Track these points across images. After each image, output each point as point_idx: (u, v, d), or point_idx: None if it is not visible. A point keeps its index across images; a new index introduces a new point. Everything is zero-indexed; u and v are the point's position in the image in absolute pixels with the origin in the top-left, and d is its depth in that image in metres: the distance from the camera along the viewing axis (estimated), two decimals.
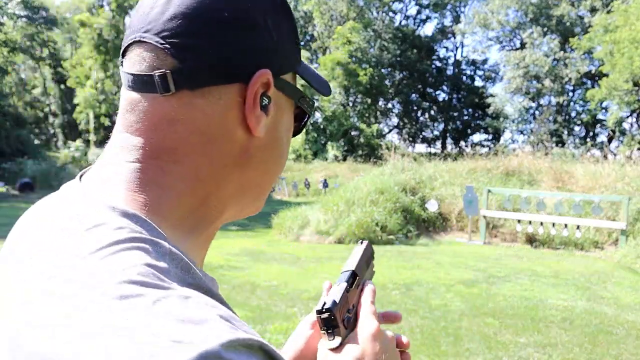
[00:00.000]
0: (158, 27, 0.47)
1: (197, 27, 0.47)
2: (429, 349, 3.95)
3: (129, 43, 0.49)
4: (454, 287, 6.00)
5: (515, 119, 32.49)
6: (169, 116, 0.47)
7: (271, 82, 0.50)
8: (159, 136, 0.48)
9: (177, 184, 0.48)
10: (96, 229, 0.42)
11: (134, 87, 0.49)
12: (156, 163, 0.47)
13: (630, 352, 4.01)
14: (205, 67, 0.47)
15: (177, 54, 0.46)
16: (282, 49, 0.52)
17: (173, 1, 0.47)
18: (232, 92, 0.49)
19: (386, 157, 14.61)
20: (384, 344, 0.57)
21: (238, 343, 0.34)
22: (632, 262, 7.85)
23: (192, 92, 0.47)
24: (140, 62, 0.48)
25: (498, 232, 10.47)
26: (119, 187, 0.47)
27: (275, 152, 0.55)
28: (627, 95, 22.14)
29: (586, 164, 12.68)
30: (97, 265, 0.39)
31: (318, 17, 37.53)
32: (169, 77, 0.46)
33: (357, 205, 10.07)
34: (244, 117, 0.50)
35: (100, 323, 0.35)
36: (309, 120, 0.61)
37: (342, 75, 31.50)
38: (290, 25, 0.53)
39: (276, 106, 0.53)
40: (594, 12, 28.48)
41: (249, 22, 0.49)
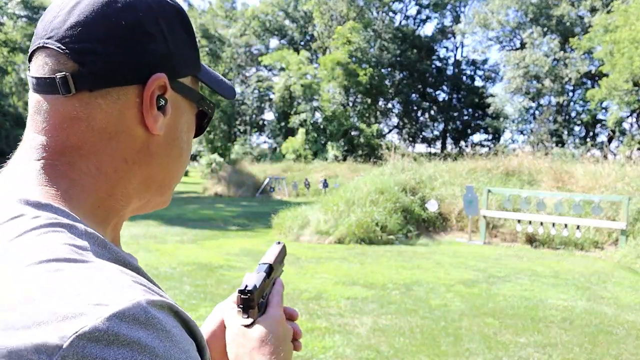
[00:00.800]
0: (60, 34, 0.51)
1: (96, 34, 0.51)
2: (429, 349, 3.95)
3: (34, 49, 0.54)
4: (454, 287, 6.00)
5: (515, 119, 32.50)
6: (71, 115, 0.52)
7: (167, 85, 0.55)
8: (64, 134, 0.52)
9: (84, 178, 0.52)
10: (13, 221, 0.45)
11: (39, 90, 0.53)
12: (64, 159, 0.52)
13: (630, 352, 4.01)
14: (103, 70, 0.51)
15: (77, 58, 0.51)
16: (178, 55, 0.57)
17: (74, 11, 0.52)
18: (130, 93, 0.53)
19: (386, 157, 14.60)
20: (285, 331, 0.68)
21: (151, 303, 0.39)
22: (632, 262, 7.85)
23: (92, 92, 0.52)
24: (44, 66, 0.52)
25: (498, 232, 10.47)
26: (30, 182, 0.50)
27: (174, 150, 0.59)
28: (627, 95, 22.14)
29: (586, 164, 12.67)
30: (17, 250, 0.42)
31: (318, 17, 37.52)
32: (69, 79, 0.51)
33: (357, 205, 10.07)
34: (143, 116, 0.54)
35: (22, 296, 0.38)
36: (209, 121, 0.66)
37: (342, 75, 31.49)
38: (186, 33, 0.59)
39: (174, 107, 0.57)
40: (594, 12, 28.48)
41: (145, 30, 0.53)
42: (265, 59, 35.29)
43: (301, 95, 31.83)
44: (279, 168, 24.51)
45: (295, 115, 31.88)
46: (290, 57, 32.83)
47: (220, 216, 13.40)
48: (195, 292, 5.44)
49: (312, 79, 32.11)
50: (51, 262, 0.41)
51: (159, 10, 0.55)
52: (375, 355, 3.78)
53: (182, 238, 9.27)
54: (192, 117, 0.62)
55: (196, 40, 0.61)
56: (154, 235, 9.42)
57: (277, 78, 36.04)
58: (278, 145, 35.14)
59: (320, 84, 31.85)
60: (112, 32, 0.52)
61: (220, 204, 17.25)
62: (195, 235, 9.67)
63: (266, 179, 22.07)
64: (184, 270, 6.51)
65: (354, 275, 6.34)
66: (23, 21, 28.83)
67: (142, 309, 0.38)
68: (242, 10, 43.26)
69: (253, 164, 26.96)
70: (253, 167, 25.22)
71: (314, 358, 3.70)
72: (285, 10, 42.15)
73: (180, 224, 11.26)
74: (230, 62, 39.69)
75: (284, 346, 0.67)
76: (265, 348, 0.64)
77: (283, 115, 34.49)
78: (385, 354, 3.82)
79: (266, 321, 0.66)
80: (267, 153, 34.22)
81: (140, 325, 0.38)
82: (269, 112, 41.92)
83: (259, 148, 38.24)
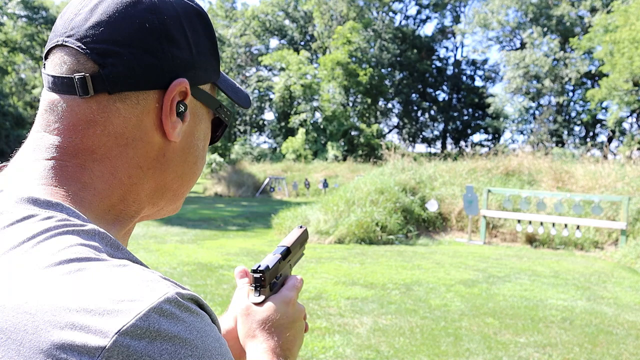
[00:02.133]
0: (81, 33, 0.50)
1: (119, 36, 0.50)
2: (429, 349, 3.96)
3: (52, 46, 0.52)
4: (454, 287, 6.00)
5: (515, 119, 32.51)
6: (87, 118, 0.50)
7: (188, 91, 0.53)
8: (78, 137, 0.50)
9: (97, 182, 0.50)
10: (24, 222, 0.44)
11: (55, 89, 0.51)
12: (75, 161, 0.50)
13: (630, 352, 4.01)
14: (124, 73, 0.50)
15: (97, 59, 0.49)
16: (200, 62, 0.55)
17: (97, 10, 0.50)
18: (150, 98, 0.51)
19: (386, 157, 14.60)
20: (295, 312, 0.69)
21: (181, 296, 0.40)
22: (632, 262, 7.85)
23: (111, 96, 0.50)
24: (62, 65, 0.50)
25: (498, 232, 10.47)
26: (39, 182, 0.48)
27: (190, 157, 0.58)
28: (627, 95, 22.15)
29: (586, 164, 12.67)
30: (34, 253, 0.40)
31: (318, 17, 37.53)
32: (88, 80, 0.49)
33: (357, 205, 10.07)
34: (161, 123, 0.52)
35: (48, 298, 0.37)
36: (225, 129, 0.65)
37: (342, 75, 31.50)
38: (210, 41, 0.57)
39: (193, 114, 0.56)
40: (594, 12, 28.49)
41: (169, 34, 0.52)
42: (265, 59, 35.30)
43: (301, 95, 31.84)
44: (279, 168, 24.51)
45: (295, 115, 31.89)
46: (290, 57, 32.84)
47: (220, 216, 13.40)
48: (195, 292, 5.43)
49: (312, 79, 32.12)
50: (72, 262, 0.40)
51: (184, 14, 0.54)
52: (375, 355, 3.78)
53: (182, 238, 9.27)
54: (209, 124, 0.61)
55: (217, 46, 0.59)
56: (154, 235, 9.42)
57: (277, 78, 36.07)
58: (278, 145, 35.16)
59: (320, 84, 31.86)
60: (135, 34, 0.50)
61: (220, 204, 17.25)
62: (195, 235, 9.68)
63: (266, 179, 22.07)
64: (184, 270, 6.51)
65: (354, 275, 6.35)
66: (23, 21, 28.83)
67: (175, 302, 0.39)
68: (242, 10, 43.27)
69: (253, 164, 26.95)
70: (253, 167, 25.22)
71: (314, 358, 3.70)
72: (285, 10, 42.16)
73: (180, 224, 11.26)
74: (230, 62, 39.71)
75: (292, 326, 0.67)
76: (271, 326, 0.66)
77: (283, 115, 34.51)
78: (385, 353, 3.82)
79: (276, 299, 0.67)
80: (267, 153, 34.21)
81: (177, 318, 0.38)
82: (269, 112, 41.92)
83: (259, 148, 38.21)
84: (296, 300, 0.70)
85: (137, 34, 0.50)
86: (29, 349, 0.35)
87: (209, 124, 0.61)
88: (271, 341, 0.65)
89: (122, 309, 0.36)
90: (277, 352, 0.65)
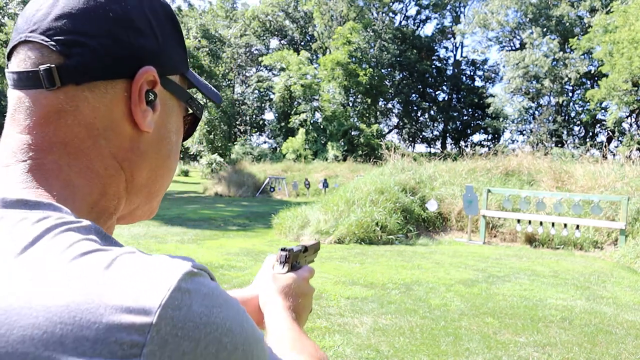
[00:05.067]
0: (44, 27, 0.49)
1: (83, 26, 0.49)
2: (429, 349, 3.97)
3: (15, 45, 0.51)
4: (453, 287, 6.01)
5: (514, 119, 32.52)
6: (56, 108, 0.49)
7: (157, 79, 0.53)
8: (50, 129, 0.49)
9: (75, 179, 0.49)
10: (22, 224, 0.42)
11: (19, 85, 0.50)
12: (51, 158, 0.49)
13: (630, 352, 4.02)
14: (91, 62, 0.49)
15: (62, 50, 0.48)
16: (167, 51, 0.55)
17: (58, 3, 0.50)
18: (118, 87, 0.51)
19: (386, 157, 14.62)
20: (308, 288, 0.85)
21: (196, 267, 0.42)
22: (631, 261, 7.86)
23: (78, 86, 0.49)
24: (26, 60, 0.49)
25: (498, 232, 10.49)
26: (22, 185, 0.47)
27: (163, 150, 0.57)
28: (626, 95, 22.16)
29: (585, 164, 12.68)
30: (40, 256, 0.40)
31: (318, 18, 37.55)
32: (54, 71, 0.48)
33: (357, 205, 10.08)
34: (131, 112, 0.52)
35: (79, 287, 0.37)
36: (197, 123, 0.65)
37: (342, 75, 31.50)
38: (175, 31, 0.57)
39: (164, 105, 0.56)
40: (594, 12, 28.50)
41: (134, 23, 0.52)
42: (266, 59, 35.31)
43: (301, 96, 31.84)
44: (279, 168, 24.52)
45: (296, 115, 31.89)
46: (291, 58, 32.84)
47: (221, 216, 13.41)
48: None
49: (312, 79, 32.12)
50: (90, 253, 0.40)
51: (148, 5, 0.54)
52: (375, 355, 3.79)
53: (183, 238, 9.28)
54: (181, 118, 0.60)
55: (184, 38, 0.59)
56: (155, 235, 9.43)
57: (277, 78, 36.05)
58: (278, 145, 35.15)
59: (320, 84, 31.86)
60: (99, 24, 0.50)
61: (221, 204, 17.26)
62: (195, 235, 9.69)
63: (266, 179, 22.08)
64: None
65: (354, 275, 6.36)
66: None
67: (194, 273, 0.41)
68: (243, 10, 43.26)
69: (253, 164, 26.96)
70: (253, 167, 25.22)
71: None
72: (285, 10, 42.16)
73: (181, 223, 11.27)
74: (230, 63, 39.71)
75: (304, 298, 0.83)
76: (289, 293, 0.81)
77: (283, 115, 34.50)
78: (385, 353, 3.84)
79: (296, 274, 0.83)
80: (267, 153, 34.21)
81: (202, 284, 0.41)
82: (269, 112, 41.92)
83: (259, 148, 38.23)
84: (309, 280, 0.86)
85: (101, 24, 0.50)
86: (86, 339, 0.36)
87: (180, 117, 0.60)
88: (287, 302, 0.80)
89: (155, 287, 0.38)
90: (289, 310, 0.79)
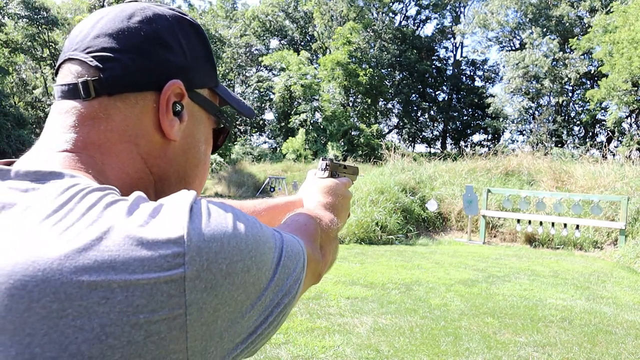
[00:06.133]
0: (84, 45, 0.55)
1: (117, 44, 0.55)
2: (429, 349, 3.97)
3: (61, 62, 0.57)
4: (453, 286, 6.02)
5: (514, 119, 32.50)
6: (91, 115, 0.54)
7: (184, 92, 0.58)
8: (84, 131, 0.54)
9: (108, 170, 0.54)
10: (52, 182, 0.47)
11: (63, 96, 0.56)
12: (86, 153, 0.54)
13: (629, 352, 4.02)
14: (122, 76, 0.54)
15: (98, 65, 0.54)
16: (195, 66, 0.60)
17: (97, 25, 0.56)
18: (147, 99, 0.56)
19: (386, 157, 14.62)
20: (347, 191, 0.94)
21: (196, 195, 0.48)
22: (631, 261, 7.87)
23: (111, 97, 0.55)
24: (68, 74, 0.56)
25: (498, 232, 10.49)
26: (59, 166, 0.51)
27: (191, 159, 0.62)
28: (626, 95, 22.16)
29: (585, 164, 12.69)
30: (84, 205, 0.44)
31: (318, 18, 37.55)
32: (90, 84, 0.54)
33: (357, 205, 10.09)
34: (160, 122, 0.57)
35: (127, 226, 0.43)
36: (227, 135, 0.70)
37: (342, 76, 31.49)
38: (204, 49, 0.62)
39: (191, 116, 0.60)
40: (593, 12, 28.50)
41: (163, 40, 0.57)
42: (266, 60, 35.30)
43: (301, 96, 31.84)
44: (279, 168, 24.52)
45: (296, 116, 31.88)
46: (291, 58, 32.84)
47: None
48: None
49: (312, 79, 32.11)
50: (120, 202, 0.45)
51: (177, 24, 0.59)
52: (375, 355, 3.80)
53: None
54: (210, 130, 0.65)
55: (213, 56, 0.64)
56: None
57: (277, 78, 36.04)
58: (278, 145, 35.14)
59: (320, 84, 31.85)
60: (131, 41, 0.55)
61: None
62: None
63: (266, 179, 22.09)
64: None
65: (354, 275, 6.36)
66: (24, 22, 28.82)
67: (200, 198, 0.48)
68: (243, 10, 43.26)
69: (253, 164, 26.96)
70: (253, 167, 25.23)
71: (314, 357, 3.72)
72: (285, 10, 42.15)
73: None
74: (230, 63, 39.72)
75: (343, 201, 0.91)
76: (329, 193, 0.91)
77: (283, 115, 34.49)
78: (385, 353, 3.84)
79: (336, 179, 0.94)
80: (267, 153, 34.20)
81: (211, 204, 0.48)
82: (269, 112, 41.89)
83: (259, 148, 38.21)
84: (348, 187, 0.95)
85: (133, 41, 0.55)
86: (134, 259, 0.41)
87: (209, 129, 0.65)
88: (326, 199, 0.89)
89: (178, 210, 0.44)
90: (327, 208, 0.87)
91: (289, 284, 0.53)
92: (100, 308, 0.39)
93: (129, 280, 0.40)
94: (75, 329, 0.38)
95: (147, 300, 0.40)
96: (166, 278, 0.41)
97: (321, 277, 0.71)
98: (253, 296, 0.47)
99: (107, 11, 0.58)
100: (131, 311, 0.39)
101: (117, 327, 0.39)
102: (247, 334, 0.48)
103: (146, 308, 0.40)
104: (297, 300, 0.57)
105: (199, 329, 0.42)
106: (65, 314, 0.38)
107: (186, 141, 0.60)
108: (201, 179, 0.65)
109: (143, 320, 0.40)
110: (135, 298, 0.40)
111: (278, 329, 0.53)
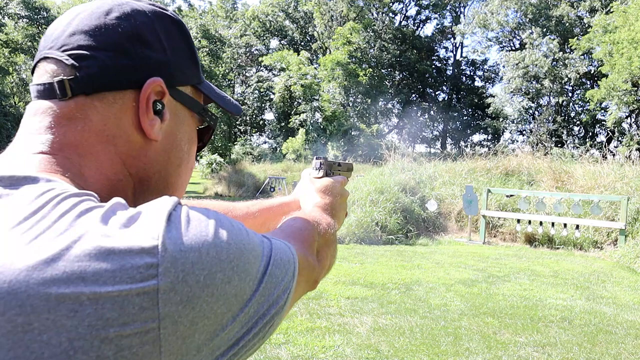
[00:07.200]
0: (59, 43, 0.53)
1: (93, 41, 0.53)
2: (429, 349, 3.97)
3: (36, 62, 0.55)
4: (453, 286, 6.02)
5: (514, 119, 32.51)
6: (67, 115, 0.52)
7: (165, 90, 0.55)
8: (61, 131, 0.52)
9: (86, 172, 0.52)
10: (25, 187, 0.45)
11: (38, 96, 0.54)
12: (62, 155, 0.51)
13: (629, 352, 4.03)
14: (99, 74, 0.52)
15: (74, 64, 0.52)
16: (177, 63, 0.57)
17: (73, 22, 0.54)
18: (127, 98, 0.54)
19: (386, 157, 14.62)
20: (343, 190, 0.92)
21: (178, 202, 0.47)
22: (631, 261, 7.87)
23: (88, 96, 0.52)
24: (44, 74, 0.54)
25: (497, 232, 10.49)
26: (35, 169, 0.49)
27: (173, 158, 0.59)
28: (626, 95, 22.16)
29: (585, 164, 12.69)
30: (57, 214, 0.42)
31: (318, 18, 37.56)
32: (66, 83, 0.52)
33: (357, 205, 10.09)
34: (140, 121, 0.55)
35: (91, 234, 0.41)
36: (212, 134, 0.67)
37: (342, 76, 31.49)
38: (186, 45, 0.60)
39: (174, 115, 0.58)
40: (593, 12, 28.50)
41: (141, 37, 0.54)
42: (266, 60, 35.29)
43: (301, 96, 31.84)
44: (279, 168, 24.52)
45: (296, 116, 31.89)
46: (291, 58, 32.84)
47: None
48: None
49: (312, 79, 32.12)
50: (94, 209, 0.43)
51: (157, 20, 0.57)
52: (375, 355, 3.80)
53: None
54: (194, 128, 0.62)
55: (196, 53, 0.61)
56: None
57: (277, 78, 36.03)
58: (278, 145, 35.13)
59: (320, 84, 31.86)
60: (108, 38, 0.53)
61: None
62: None
63: (266, 179, 22.09)
64: None
65: (354, 275, 6.37)
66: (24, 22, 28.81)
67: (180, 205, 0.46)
68: (243, 10, 43.26)
69: (253, 164, 26.96)
70: (253, 167, 25.23)
71: (314, 357, 3.72)
72: (285, 10, 42.15)
73: None
74: (230, 63, 39.72)
75: (339, 200, 0.90)
76: (325, 193, 0.89)
77: (283, 115, 34.49)
78: (385, 353, 3.84)
79: (332, 178, 0.92)
80: (267, 153, 34.20)
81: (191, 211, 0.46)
82: (269, 112, 41.90)
83: (259, 148, 38.21)
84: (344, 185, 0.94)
85: (110, 38, 0.53)
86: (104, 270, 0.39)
87: (193, 127, 0.62)
88: (324, 200, 0.88)
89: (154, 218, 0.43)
90: (325, 209, 0.85)
91: (277, 294, 0.50)
92: (69, 322, 0.37)
93: (99, 293, 0.38)
94: (41, 344, 0.36)
95: (118, 314, 0.38)
96: (138, 290, 0.39)
97: (318, 283, 0.69)
98: (235, 308, 0.45)
99: (84, 7, 0.55)
100: (101, 325, 0.38)
101: (85, 341, 0.37)
102: (227, 346, 0.45)
103: (117, 321, 0.38)
104: (288, 310, 0.55)
105: (174, 343, 0.41)
106: (31, 328, 0.36)
107: (168, 141, 0.58)
108: (184, 179, 0.62)
109: (113, 334, 0.38)
110: (105, 311, 0.38)
111: (266, 339, 0.51)
